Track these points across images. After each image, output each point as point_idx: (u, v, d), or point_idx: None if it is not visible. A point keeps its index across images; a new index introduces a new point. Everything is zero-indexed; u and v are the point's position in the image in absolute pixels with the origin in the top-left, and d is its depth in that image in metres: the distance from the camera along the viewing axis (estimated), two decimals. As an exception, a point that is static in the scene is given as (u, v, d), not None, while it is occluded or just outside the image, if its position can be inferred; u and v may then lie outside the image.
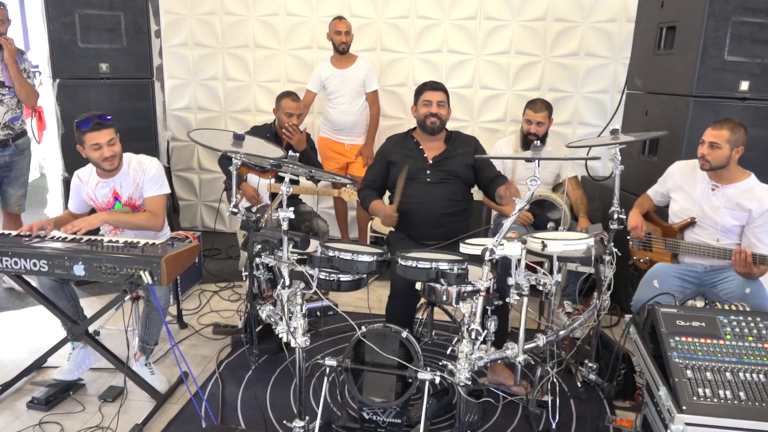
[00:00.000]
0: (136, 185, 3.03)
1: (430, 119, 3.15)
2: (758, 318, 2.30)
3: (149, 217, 3.00)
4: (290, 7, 5.00)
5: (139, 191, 3.03)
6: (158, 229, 3.02)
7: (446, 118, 3.21)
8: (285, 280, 2.33)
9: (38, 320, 3.61)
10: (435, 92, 3.18)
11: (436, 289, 2.37)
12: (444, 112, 3.18)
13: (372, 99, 4.66)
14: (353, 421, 2.57)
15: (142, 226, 2.97)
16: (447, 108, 3.21)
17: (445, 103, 3.20)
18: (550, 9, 4.73)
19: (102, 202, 3.05)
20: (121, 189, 3.03)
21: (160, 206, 3.04)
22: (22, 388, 2.91)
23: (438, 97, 3.17)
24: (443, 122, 3.19)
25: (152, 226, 2.99)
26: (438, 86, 3.22)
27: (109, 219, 2.93)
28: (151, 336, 2.91)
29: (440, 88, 3.21)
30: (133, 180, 3.03)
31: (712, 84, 3.34)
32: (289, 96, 3.99)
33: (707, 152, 2.85)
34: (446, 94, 3.22)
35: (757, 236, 2.83)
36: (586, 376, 2.97)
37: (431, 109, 3.15)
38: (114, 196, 3.04)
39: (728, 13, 3.25)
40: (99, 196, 3.05)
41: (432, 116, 3.15)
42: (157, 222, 3.01)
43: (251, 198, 3.94)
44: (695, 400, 2.00)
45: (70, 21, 3.93)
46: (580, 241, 2.57)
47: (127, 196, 3.03)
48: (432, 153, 3.19)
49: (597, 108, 4.88)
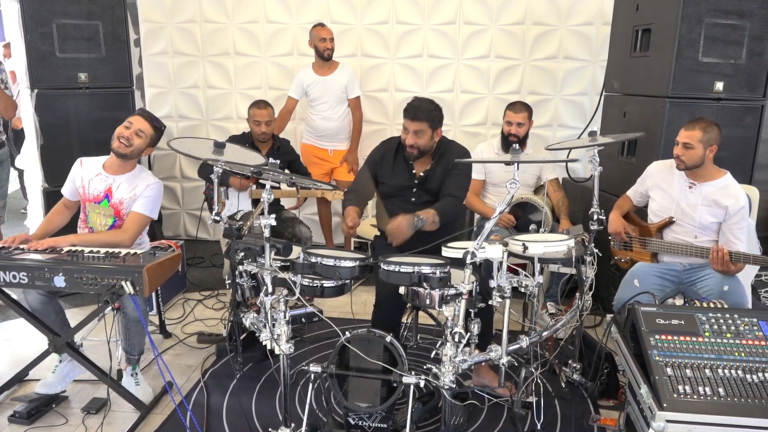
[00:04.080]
0: (132, 194, 3.00)
1: (408, 149, 2.97)
2: (736, 315, 2.33)
3: (116, 234, 2.93)
4: (270, 15, 5.00)
5: (131, 201, 3.00)
6: (126, 246, 2.93)
7: (426, 145, 2.97)
8: (268, 287, 2.33)
9: (19, 333, 3.56)
10: (412, 122, 2.91)
11: (419, 293, 2.37)
12: (423, 141, 2.94)
13: (354, 105, 4.67)
14: (339, 426, 2.57)
15: (111, 243, 2.90)
16: (428, 134, 2.94)
17: (423, 131, 2.92)
18: (529, 13, 4.78)
19: (91, 193, 3.01)
20: (117, 189, 3.01)
21: (139, 225, 2.98)
22: (3, 402, 2.87)
23: (414, 127, 2.91)
24: (421, 151, 2.97)
25: (118, 242, 2.91)
26: (416, 114, 2.91)
27: (77, 242, 2.87)
28: (133, 347, 2.89)
29: (418, 117, 2.90)
30: (133, 188, 3.00)
31: (688, 85, 3.40)
32: (255, 105, 4.10)
33: (681, 153, 2.90)
34: (428, 122, 2.92)
35: (734, 233, 2.88)
36: (570, 377, 2.99)
37: (407, 139, 2.95)
38: (106, 193, 3.01)
39: (701, 15, 3.31)
40: (92, 187, 3.01)
41: (409, 147, 2.96)
42: (125, 238, 2.92)
43: (240, 186, 3.97)
44: (675, 397, 2.03)
45: (48, 31, 3.90)
46: (560, 243, 2.60)
47: (119, 199, 3.00)
48: (421, 168, 3.07)
49: (576, 110, 4.93)
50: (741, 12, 3.30)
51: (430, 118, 2.94)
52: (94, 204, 3.02)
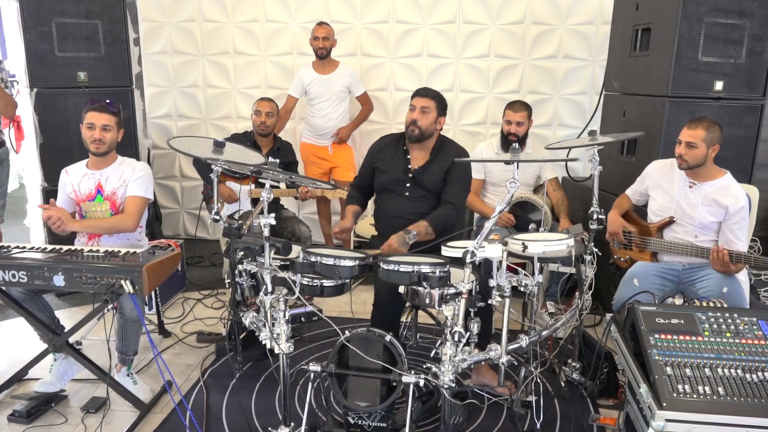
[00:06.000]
0: (122, 181, 3.04)
1: (411, 126, 3.03)
2: (735, 314, 2.33)
3: (119, 219, 3.00)
4: (270, 14, 5.00)
5: (123, 188, 3.04)
6: (131, 230, 3.02)
7: (428, 127, 3.03)
8: (267, 286, 2.33)
9: (17, 333, 3.56)
10: (421, 98, 3.03)
11: (418, 293, 2.37)
12: (426, 120, 3.01)
13: (363, 100, 4.73)
14: (339, 426, 2.57)
15: (113, 228, 2.99)
16: (433, 115, 3.02)
17: (430, 109, 3.01)
18: (528, 12, 4.77)
19: (83, 194, 3.05)
20: (107, 182, 3.04)
21: (138, 207, 3.03)
22: (3, 401, 2.87)
23: (422, 103, 3.01)
24: (423, 131, 3.02)
25: (123, 227, 2.99)
26: (426, 92, 3.05)
27: (79, 228, 2.97)
28: (128, 347, 2.89)
29: (428, 94, 3.04)
30: (120, 176, 3.05)
31: (687, 84, 3.39)
32: (260, 98, 4.17)
33: (684, 152, 2.89)
34: (436, 102, 3.03)
35: (734, 232, 2.88)
36: (570, 376, 2.99)
37: (413, 115, 3.02)
38: (97, 188, 3.04)
39: (701, 15, 3.30)
40: (82, 187, 3.05)
41: (412, 123, 3.02)
42: (129, 222, 3.00)
43: (228, 197, 3.98)
44: (675, 397, 2.03)
45: (47, 30, 3.90)
46: (560, 242, 2.59)
47: (111, 190, 3.03)
48: (417, 162, 3.10)
49: (576, 109, 4.93)
50: (741, 11, 3.30)
51: (438, 99, 3.06)
52: (89, 203, 3.05)
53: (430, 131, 3.05)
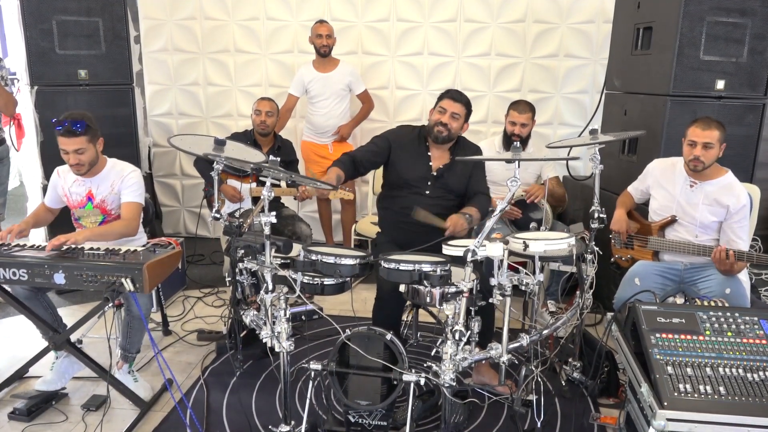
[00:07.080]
0: (111, 189, 3.02)
1: (438, 127, 3.05)
2: (737, 314, 2.33)
3: (126, 224, 2.97)
4: (270, 12, 4.99)
5: (113, 196, 3.02)
6: (134, 234, 3.00)
7: (456, 131, 3.09)
8: (268, 284, 2.32)
9: (18, 330, 3.56)
10: (454, 103, 3.06)
11: (419, 291, 2.37)
12: (455, 125, 3.06)
13: (364, 98, 4.73)
14: (339, 424, 2.57)
15: (123, 233, 2.95)
16: (461, 121, 3.09)
17: (461, 116, 3.07)
18: (529, 11, 4.77)
19: (75, 200, 3.04)
20: (97, 190, 3.03)
21: (136, 213, 3.02)
22: (3, 399, 2.87)
23: (455, 109, 3.05)
24: (451, 134, 3.07)
25: (129, 232, 2.97)
26: (460, 98, 3.08)
27: (91, 236, 2.86)
28: (132, 344, 2.89)
29: (462, 100, 3.08)
30: (110, 184, 3.02)
31: (689, 83, 3.39)
32: (260, 98, 4.17)
33: (701, 153, 2.83)
34: (466, 109, 3.09)
35: (735, 232, 2.88)
36: (570, 375, 2.99)
37: (443, 118, 3.04)
38: (88, 196, 3.03)
39: (703, 14, 3.30)
40: (73, 194, 3.04)
41: (441, 125, 3.04)
42: (132, 227, 2.98)
43: (232, 197, 3.98)
44: (676, 396, 2.03)
45: (48, 27, 3.89)
46: (561, 241, 2.59)
47: (101, 198, 3.02)
48: (437, 163, 3.12)
49: (577, 108, 4.92)
50: (743, 10, 3.29)
51: (468, 106, 3.13)
52: (80, 209, 3.05)
53: (455, 135, 3.13)
